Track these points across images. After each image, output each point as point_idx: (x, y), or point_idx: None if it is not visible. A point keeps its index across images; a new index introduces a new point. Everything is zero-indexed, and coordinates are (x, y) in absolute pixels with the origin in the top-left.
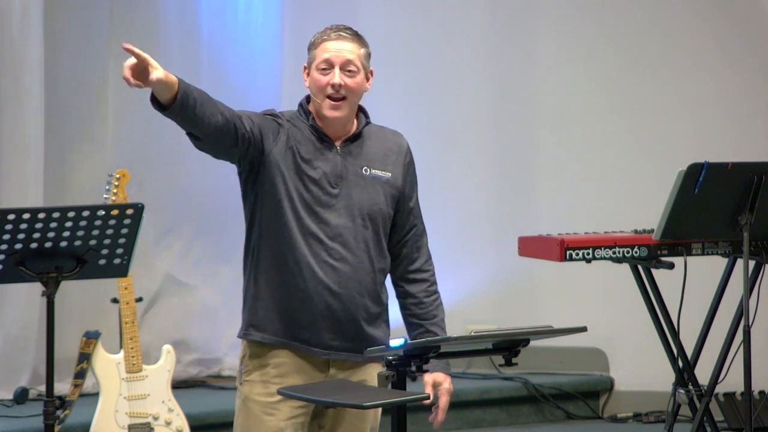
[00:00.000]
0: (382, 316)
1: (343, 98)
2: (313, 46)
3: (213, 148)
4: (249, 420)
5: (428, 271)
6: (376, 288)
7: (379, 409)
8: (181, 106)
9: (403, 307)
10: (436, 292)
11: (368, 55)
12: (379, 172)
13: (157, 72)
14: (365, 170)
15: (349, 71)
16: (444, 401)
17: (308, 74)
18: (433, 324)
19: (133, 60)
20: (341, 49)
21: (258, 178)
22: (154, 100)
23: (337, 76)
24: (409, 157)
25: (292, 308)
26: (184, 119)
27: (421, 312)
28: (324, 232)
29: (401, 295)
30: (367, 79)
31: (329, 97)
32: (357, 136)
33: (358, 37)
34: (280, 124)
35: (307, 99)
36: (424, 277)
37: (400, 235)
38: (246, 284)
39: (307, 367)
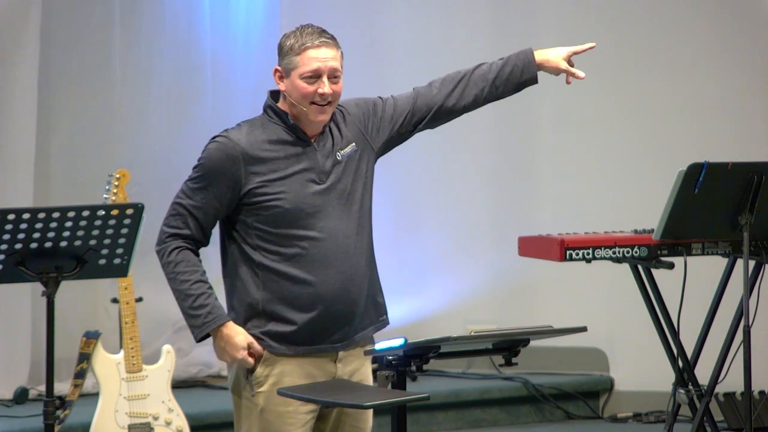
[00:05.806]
0: (380, 286)
1: (329, 103)
2: (292, 51)
3: None
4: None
5: (460, 74)
6: (373, 261)
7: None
8: None
9: (491, 87)
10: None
11: (343, 55)
12: (347, 150)
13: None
14: (339, 156)
15: (335, 77)
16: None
17: (282, 78)
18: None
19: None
20: (327, 57)
21: (237, 212)
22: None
23: (327, 86)
24: (354, 109)
25: (308, 317)
26: None
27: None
28: (316, 228)
29: (481, 92)
30: None
31: (315, 103)
32: (324, 126)
33: (334, 40)
34: (233, 155)
35: (274, 98)
36: (463, 77)
37: (422, 110)
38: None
39: (315, 371)
